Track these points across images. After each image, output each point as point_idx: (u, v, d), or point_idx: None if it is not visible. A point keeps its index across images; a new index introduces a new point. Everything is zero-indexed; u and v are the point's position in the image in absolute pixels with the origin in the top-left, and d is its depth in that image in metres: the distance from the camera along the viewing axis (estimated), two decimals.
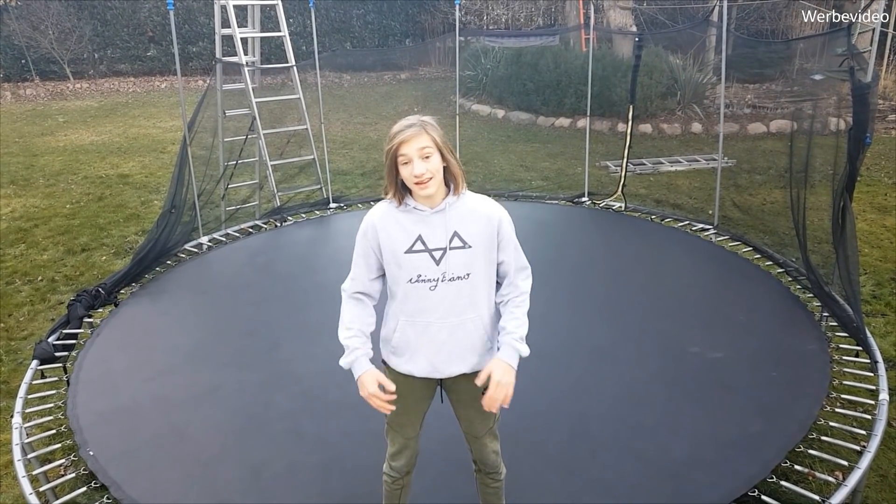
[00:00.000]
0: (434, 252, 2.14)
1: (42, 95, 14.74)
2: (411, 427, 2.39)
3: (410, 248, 2.14)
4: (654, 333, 4.17)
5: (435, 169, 2.07)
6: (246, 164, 6.63)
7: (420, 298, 2.16)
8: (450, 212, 2.14)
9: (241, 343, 4.23)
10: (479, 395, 2.28)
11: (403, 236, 2.14)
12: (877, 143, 8.95)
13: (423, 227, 2.14)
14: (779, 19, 13.09)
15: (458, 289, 2.16)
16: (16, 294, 5.41)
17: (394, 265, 2.16)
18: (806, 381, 3.58)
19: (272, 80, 9.05)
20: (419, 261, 2.14)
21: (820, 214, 4.95)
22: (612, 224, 6.31)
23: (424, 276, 2.15)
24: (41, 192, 8.02)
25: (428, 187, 2.07)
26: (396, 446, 2.42)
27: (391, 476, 2.47)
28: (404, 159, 2.05)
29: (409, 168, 2.05)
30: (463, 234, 2.15)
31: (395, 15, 18.24)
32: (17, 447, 3.18)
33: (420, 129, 2.04)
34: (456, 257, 2.15)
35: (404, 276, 2.16)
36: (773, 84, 11.98)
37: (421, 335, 2.20)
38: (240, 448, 3.24)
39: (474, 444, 2.44)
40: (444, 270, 2.14)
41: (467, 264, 2.16)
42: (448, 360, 2.22)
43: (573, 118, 11.14)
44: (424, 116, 2.10)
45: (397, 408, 2.32)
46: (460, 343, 2.21)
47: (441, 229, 2.14)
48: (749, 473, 2.92)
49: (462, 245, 2.15)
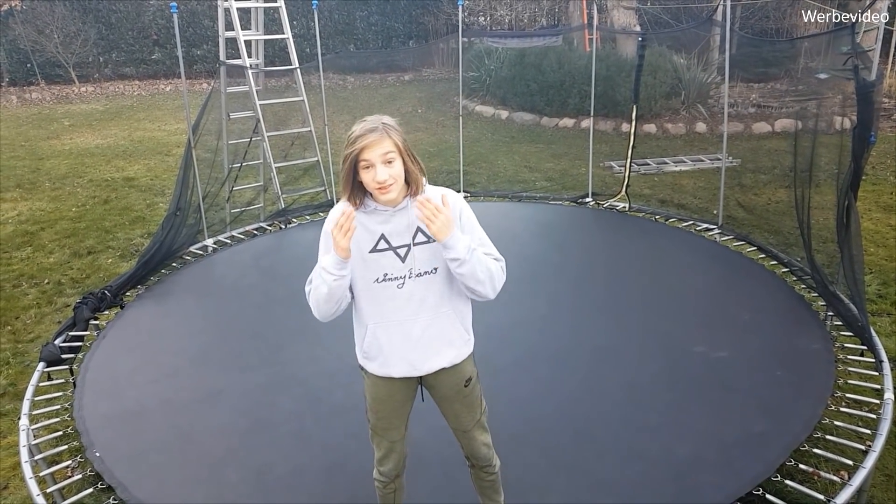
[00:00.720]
0: (399, 249, 2.14)
1: (47, 99, 14.81)
2: (395, 430, 2.38)
3: (374, 248, 2.13)
4: (659, 333, 4.17)
5: (397, 174, 2.04)
6: (250, 167, 6.65)
7: (388, 298, 2.15)
8: (411, 208, 2.12)
9: (245, 345, 4.24)
10: (462, 388, 2.31)
11: (367, 236, 2.13)
12: (882, 141, 8.92)
13: (386, 225, 2.13)
14: (783, 18, 13.05)
15: (427, 284, 2.15)
16: (23, 297, 5.45)
17: (358, 266, 2.15)
18: (811, 381, 3.58)
19: (276, 82, 9.09)
20: (384, 259, 2.14)
21: (825, 214, 4.94)
22: (616, 224, 6.31)
23: (391, 275, 2.14)
24: (47, 196, 8.06)
25: (390, 192, 2.05)
26: (382, 451, 2.42)
27: (381, 481, 2.48)
28: (366, 164, 2.02)
29: (371, 173, 2.02)
30: (426, 229, 2.11)
31: (398, 16, 18.26)
32: (24, 449, 3.20)
33: (382, 134, 2.00)
34: (421, 252, 2.14)
35: (370, 276, 2.15)
36: (777, 83, 11.94)
37: (394, 335, 2.19)
38: (245, 450, 3.25)
39: (464, 439, 2.43)
40: (410, 267, 2.14)
41: (433, 258, 2.15)
42: (425, 357, 2.21)
43: (577, 118, 11.13)
44: (384, 117, 2.06)
45: (380, 412, 2.34)
46: (436, 338, 2.20)
47: (404, 227, 2.13)
48: (753, 473, 2.92)
49: (426, 240, 2.14)
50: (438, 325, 2.19)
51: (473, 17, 17.37)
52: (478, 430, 2.41)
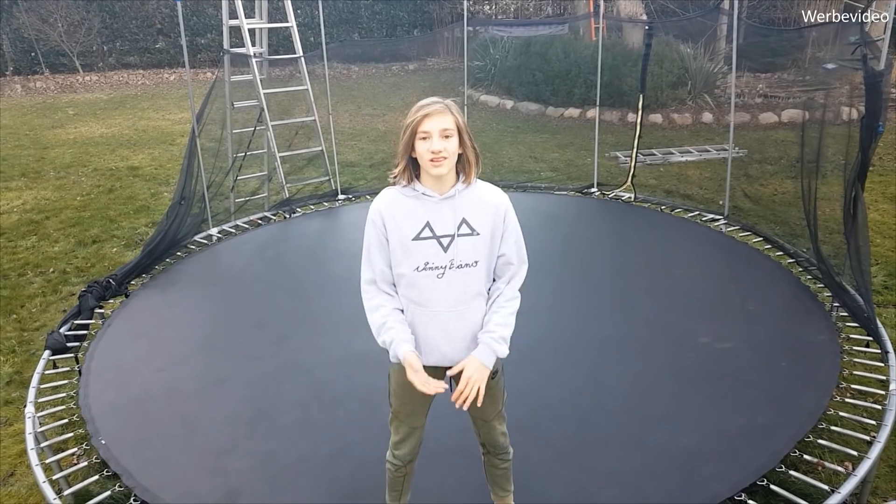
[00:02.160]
0: (442, 239, 2.12)
1: (52, 88, 14.81)
2: (417, 417, 2.39)
3: (418, 235, 2.11)
4: (664, 324, 4.16)
5: (452, 150, 2.04)
6: (254, 156, 6.64)
7: (427, 287, 2.14)
8: (458, 199, 2.12)
9: (250, 334, 4.25)
10: (488, 382, 2.26)
11: (411, 223, 2.11)
12: (889, 132, 8.84)
13: (432, 213, 2.11)
14: (791, 7, 12.93)
15: (466, 276, 2.14)
16: (28, 286, 5.46)
17: (401, 252, 2.13)
18: (816, 372, 3.57)
19: (280, 71, 9.05)
20: (427, 248, 2.12)
21: (832, 205, 4.91)
22: (621, 215, 6.29)
23: (432, 264, 2.12)
24: (52, 185, 8.08)
25: (441, 166, 2.03)
26: (401, 435, 2.42)
27: (394, 464, 2.48)
28: (424, 135, 2.02)
29: (428, 144, 2.02)
30: (471, 221, 2.12)
31: (403, 5, 18.15)
32: (30, 436, 3.22)
33: (445, 108, 2.03)
34: (464, 244, 2.12)
35: (411, 264, 2.13)
36: (784, 73, 11.84)
37: (430, 324, 2.18)
38: (249, 438, 3.26)
39: (483, 428, 2.45)
40: (451, 258, 2.12)
41: (475, 252, 2.14)
42: (458, 349, 2.20)
43: (582, 108, 11.07)
44: (448, 100, 2.08)
45: (404, 398, 2.33)
46: (469, 330, 2.19)
47: (450, 216, 2.11)
48: (758, 463, 2.92)
49: (470, 232, 2.13)
50: (473, 317, 2.19)
51: (478, 5, 17.27)
52: (498, 419, 2.43)
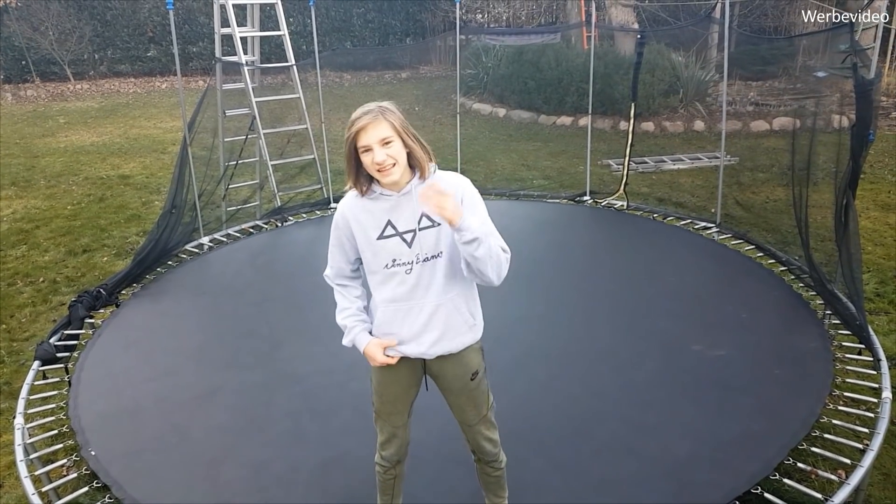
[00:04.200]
0: (405, 235, 2.15)
1: (43, 96, 14.75)
2: (399, 416, 2.40)
3: (382, 235, 2.15)
4: (657, 332, 4.16)
5: (397, 154, 2.04)
6: (246, 164, 6.62)
7: (399, 283, 2.18)
8: (416, 194, 2.13)
9: (241, 343, 4.22)
10: (468, 382, 2.32)
11: (373, 223, 2.15)
12: (880, 140, 8.92)
13: (392, 212, 2.14)
14: (782, 16, 13.04)
15: (433, 268, 2.17)
16: (17, 295, 5.42)
17: (369, 253, 2.18)
18: (809, 379, 3.57)
19: (272, 79, 9.04)
20: (392, 245, 2.15)
21: (823, 212, 4.93)
22: (614, 223, 6.30)
23: (399, 261, 2.16)
24: (42, 194, 8.03)
25: (391, 174, 2.05)
26: (385, 435, 2.44)
27: (382, 465, 2.49)
28: (364, 148, 2.03)
29: (370, 156, 2.03)
30: (431, 213, 2.12)
31: (395, 13, 18.22)
32: (19, 447, 3.18)
33: (378, 116, 2.02)
34: (427, 237, 2.15)
35: (380, 263, 2.18)
36: (776, 81, 11.94)
37: (405, 319, 2.21)
38: (241, 448, 3.23)
39: (468, 433, 2.44)
40: (416, 252, 2.15)
41: (439, 242, 2.16)
42: (433, 341, 2.23)
43: (575, 116, 11.11)
44: (383, 102, 2.08)
45: (384, 396, 2.36)
46: (443, 323, 2.21)
47: (409, 212, 2.14)
48: (751, 471, 2.91)
49: (431, 224, 2.15)
50: (446, 309, 2.21)
51: (471, 14, 17.35)
52: (483, 425, 2.42)
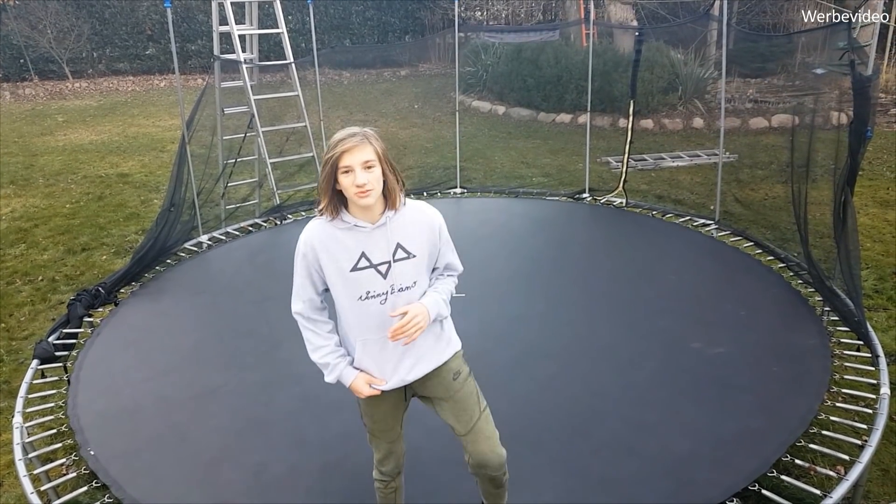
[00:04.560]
0: (379, 267, 2.14)
1: (41, 95, 14.72)
2: (392, 431, 2.41)
3: (355, 266, 2.13)
4: (656, 329, 4.16)
5: (376, 180, 2.05)
6: (245, 163, 6.62)
7: (372, 315, 2.17)
8: (390, 225, 2.14)
9: (241, 343, 4.22)
10: (452, 383, 2.30)
11: (346, 255, 2.13)
12: (878, 137, 8.92)
13: (365, 243, 2.13)
14: (780, 13, 13.03)
15: (408, 297, 2.18)
16: (16, 294, 5.42)
17: (340, 285, 2.15)
18: (807, 376, 3.57)
19: (271, 77, 9.03)
20: (365, 278, 2.14)
21: (822, 209, 4.94)
22: (613, 220, 6.30)
23: (373, 292, 2.15)
24: (41, 192, 8.02)
25: (368, 196, 2.05)
26: (382, 452, 2.44)
27: (382, 481, 2.50)
28: (346, 169, 2.02)
29: (351, 178, 2.02)
30: (406, 245, 2.16)
31: (394, 11, 18.19)
32: (18, 447, 3.19)
33: (363, 140, 2.03)
34: (401, 268, 2.16)
35: (353, 294, 2.15)
36: (774, 78, 11.93)
37: (381, 351, 2.21)
38: (240, 448, 3.23)
39: (467, 442, 2.32)
40: (391, 283, 2.15)
41: (413, 273, 2.18)
42: (411, 366, 2.24)
43: (574, 114, 11.10)
44: (366, 129, 2.08)
45: (374, 418, 2.37)
46: (418, 347, 2.22)
47: (384, 243, 2.14)
48: (750, 468, 2.91)
49: (406, 256, 2.16)
50: (420, 336, 2.18)
51: (470, 11, 17.33)
52: (478, 434, 2.30)
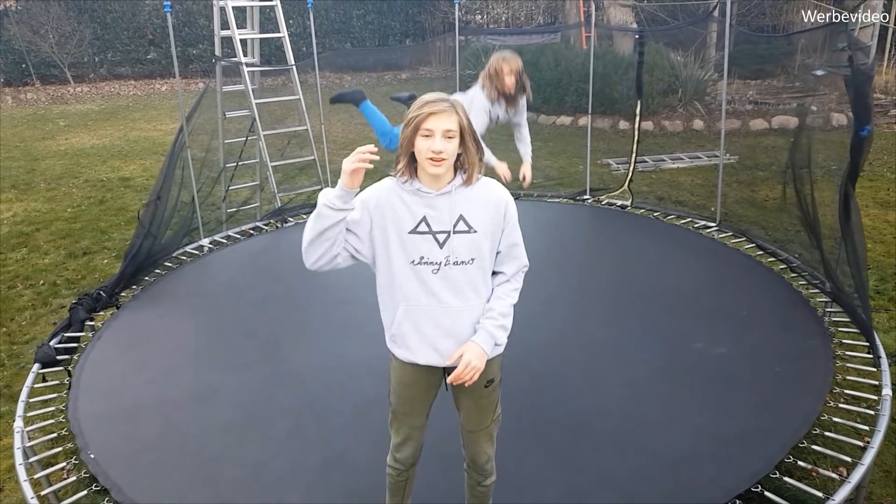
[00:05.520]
0: (438, 235, 2.09)
1: (43, 99, 14.76)
2: (417, 417, 2.34)
3: (415, 229, 2.09)
4: (657, 330, 4.15)
5: (452, 152, 2.03)
6: (246, 166, 6.63)
7: (422, 282, 2.11)
8: (456, 195, 2.09)
9: (242, 344, 4.22)
10: (482, 388, 2.26)
11: (408, 216, 2.09)
12: (879, 137, 8.90)
13: (428, 209, 2.09)
14: (780, 15, 13.04)
15: (462, 273, 2.12)
16: (17, 298, 5.42)
17: (397, 244, 2.10)
18: (809, 377, 3.57)
19: (272, 81, 9.06)
20: (423, 242, 2.09)
21: (824, 210, 4.93)
22: (614, 221, 6.30)
23: (427, 259, 2.10)
24: (42, 196, 8.03)
25: (440, 166, 2.02)
26: (401, 437, 2.37)
27: (395, 468, 2.43)
28: (427, 133, 1.99)
29: (429, 142, 1.99)
30: (469, 219, 2.10)
31: (395, 15, 18.24)
32: (18, 451, 3.18)
33: (451, 108, 2.00)
34: (460, 241, 2.10)
35: (407, 258, 2.10)
36: (774, 80, 11.94)
37: (424, 321, 2.14)
38: (241, 449, 3.23)
39: (468, 439, 2.39)
40: (447, 254, 2.10)
41: (472, 249, 2.12)
42: (452, 347, 2.16)
43: (574, 116, 11.11)
44: (453, 96, 2.04)
45: (403, 397, 2.30)
46: (465, 329, 2.16)
47: (446, 212, 2.09)
48: (752, 469, 2.91)
49: (467, 229, 2.11)
50: (469, 316, 2.15)
51: (470, 14, 17.36)
52: (484, 436, 2.36)
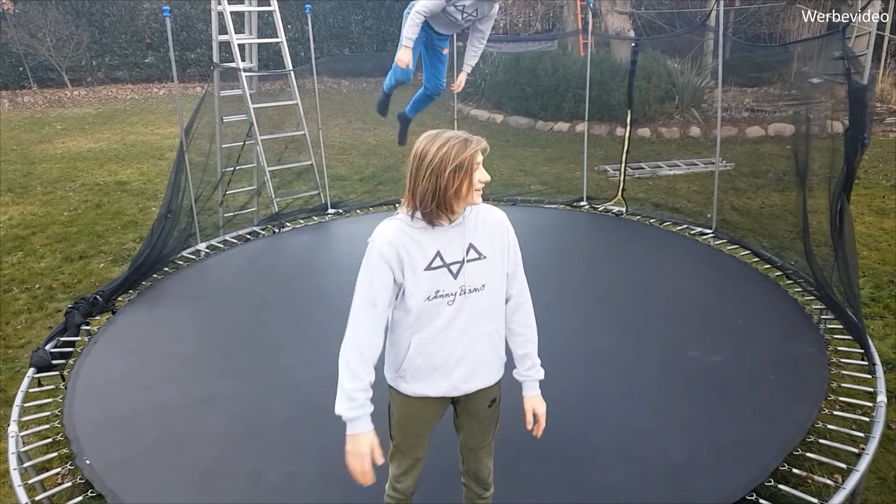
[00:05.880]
0: (452, 266, 2.09)
1: (40, 103, 14.74)
2: (421, 448, 2.33)
3: (430, 266, 2.07)
4: (653, 337, 4.16)
5: None
6: (244, 170, 6.63)
7: (436, 315, 2.10)
8: (466, 223, 2.11)
9: (239, 350, 4.21)
10: (486, 408, 2.28)
11: (421, 254, 2.06)
12: (874, 146, 8.96)
13: (441, 242, 2.08)
14: (776, 23, 13.11)
15: (476, 301, 2.12)
16: (13, 302, 5.40)
17: (412, 284, 2.07)
18: (804, 384, 3.58)
19: (270, 85, 9.08)
20: (438, 277, 2.08)
21: (818, 217, 4.96)
22: (610, 228, 6.31)
23: (443, 292, 2.08)
24: (39, 200, 8.02)
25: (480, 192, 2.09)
26: (403, 468, 2.35)
27: (395, 498, 2.40)
28: (476, 166, 2.04)
29: (479, 174, 2.05)
30: (478, 245, 2.11)
31: (393, 20, 18.26)
32: (13, 456, 3.17)
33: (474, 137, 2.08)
34: (473, 269, 2.10)
35: (421, 295, 2.07)
36: (771, 87, 12.00)
37: (438, 353, 2.13)
38: (238, 456, 3.22)
39: (469, 456, 2.40)
40: (462, 284, 2.09)
41: (484, 275, 2.12)
42: (466, 377, 2.16)
43: (572, 122, 11.14)
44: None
45: (408, 429, 2.28)
46: (477, 358, 2.16)
47: (458, 242, 2.09)
48: (748, 477, 2.91)
49: (478, 256, 2.11)
50: (482, 344, 2.16)
51: None
52: (485, 451, 2.39)
